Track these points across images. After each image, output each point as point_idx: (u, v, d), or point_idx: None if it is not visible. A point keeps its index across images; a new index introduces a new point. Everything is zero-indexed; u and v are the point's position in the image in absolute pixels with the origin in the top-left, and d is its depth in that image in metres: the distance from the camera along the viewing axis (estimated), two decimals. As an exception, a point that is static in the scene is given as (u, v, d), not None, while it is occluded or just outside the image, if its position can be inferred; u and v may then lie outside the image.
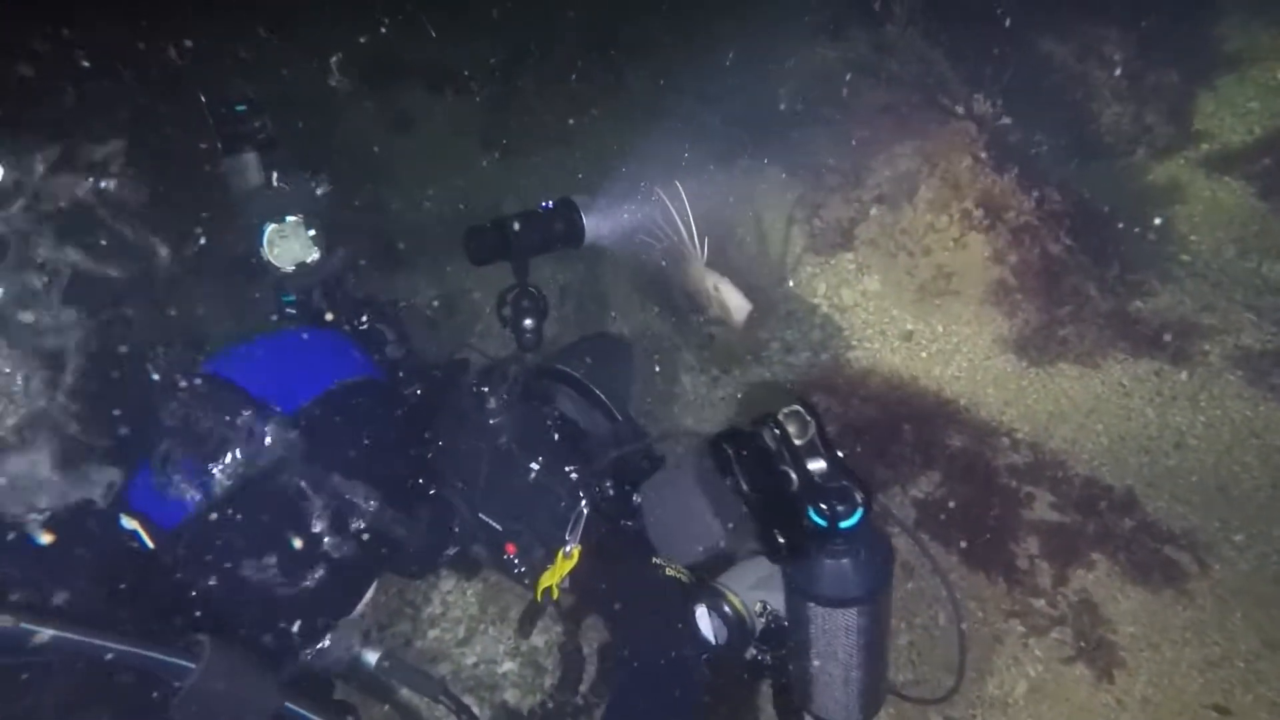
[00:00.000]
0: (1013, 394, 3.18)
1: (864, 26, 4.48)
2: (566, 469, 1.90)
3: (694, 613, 1.68)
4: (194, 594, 1.60)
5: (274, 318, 2.27)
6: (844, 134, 4.18)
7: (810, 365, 3.48)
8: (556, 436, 1.99)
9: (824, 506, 1.23)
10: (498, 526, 1.95)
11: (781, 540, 1.27)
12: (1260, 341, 3.35)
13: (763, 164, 4.52)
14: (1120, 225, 3.88)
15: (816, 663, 1.37)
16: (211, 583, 1.61)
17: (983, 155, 3.43)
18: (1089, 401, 3.13)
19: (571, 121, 4.97)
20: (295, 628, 1.76)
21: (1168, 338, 3.27)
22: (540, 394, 2.07)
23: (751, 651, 1.68)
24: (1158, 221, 3.98)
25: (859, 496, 1.24)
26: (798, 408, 1.31)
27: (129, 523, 1.60)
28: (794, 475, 1.28)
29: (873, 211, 3.85)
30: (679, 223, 3.09)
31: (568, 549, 1.82)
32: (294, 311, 2.27)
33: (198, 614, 1.58)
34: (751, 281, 3.82)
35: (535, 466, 1.91)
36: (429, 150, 4.87)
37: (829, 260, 3.86)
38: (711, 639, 1.66)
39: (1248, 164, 4.34)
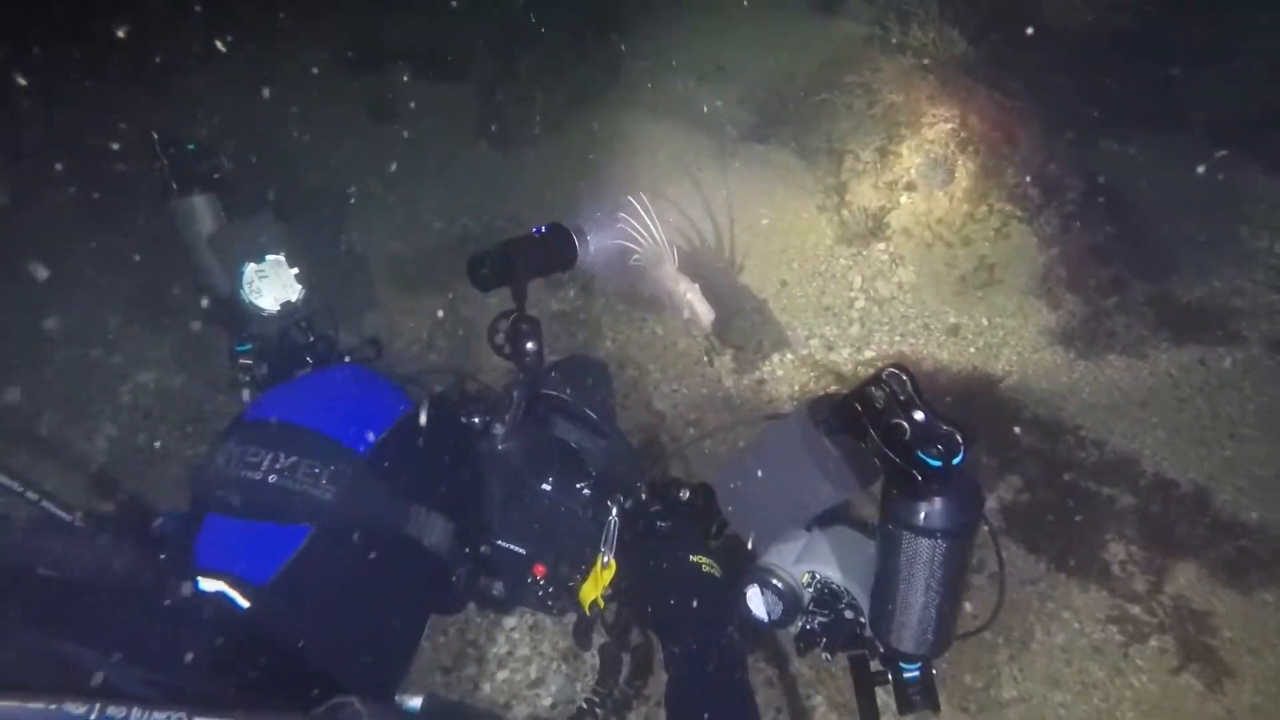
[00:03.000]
0: (1066, 388, 3.14)
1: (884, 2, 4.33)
2: (578, 485, 1.89)
3: (745, 595, 1.74)
4: (298, 648, 1.43)
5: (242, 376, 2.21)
6: (865, 112, 4.06)
7: (854, 363, 3.38)
8: (560, 456, 1.98)
9: (939, 448, 1.36)
10: (521, 550, 1.89)
11: (920, 477, 1.38)
12: (1290, 324, 3.40)
13: (774, 148, 4.37)
14: (1141, 206, 3.88)
15: (903, 593, 1.49)
16: (316, 632, 1.46)
17: (1027, 139, 3.35)
18: (1141, 393, 3.12)
19: (568, 107, 4.71)
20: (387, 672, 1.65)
21: (1207, 323, 3.29)
22: (536, 418, 2.04)
23: (800, 621, 1.76)
24: (1175, 202, 4.00)
25: (960, 437, 1.38)
26: (894, 369, 1.44)
27: (211, 584, 1.44)
28: (906, 425, 1.39)
29: (904, 199, 3.75)
30: (652, 229, 3.21)
31: (606, 559, 1.81)
32: (249, 362, 2.22)
33: (306, 671, 1.43)
34: (775, 274, 3.72)
35: (548, 487, 1.89)
36: (419, 142, 4.55)
37: (861, 251, 3.75)
38: (765, 617, 1.74)
39: (1249, 141, 4.40)
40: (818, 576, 1.72)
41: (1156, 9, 4.50)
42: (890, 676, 1.62)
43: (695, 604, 1.78)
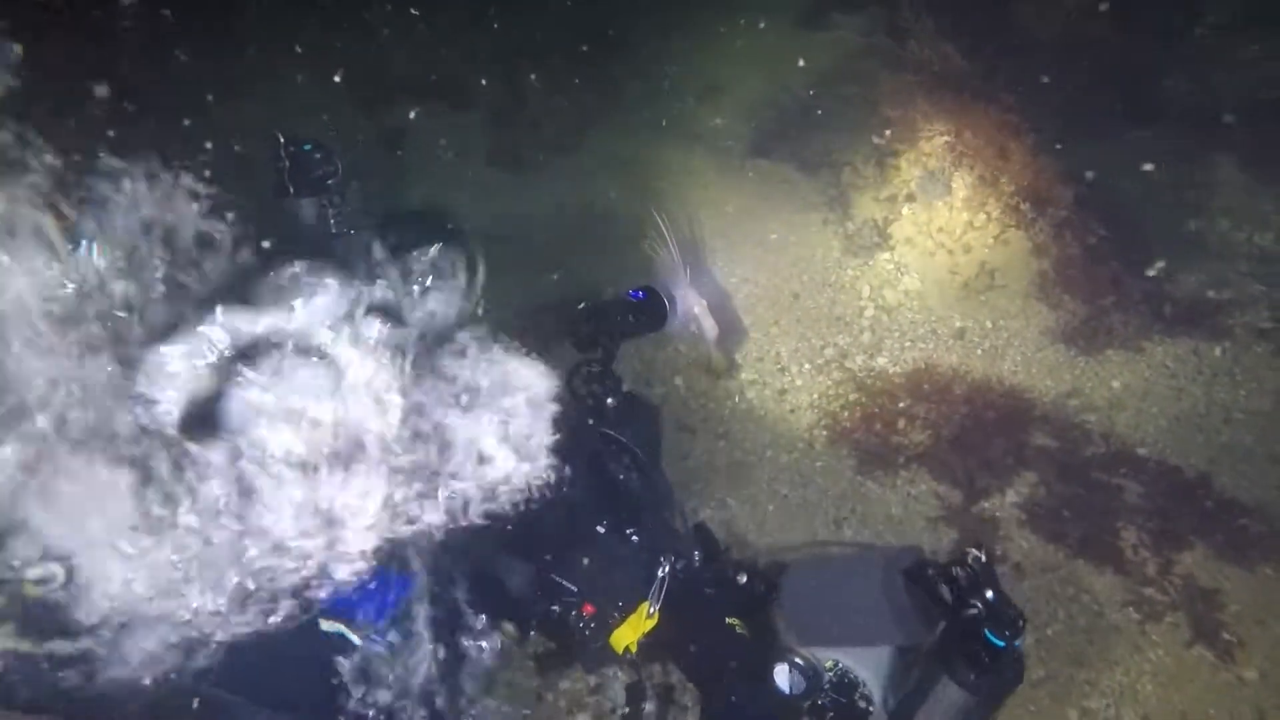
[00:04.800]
0: (1069, 385, 3.34)
1: (875, 12, 4.51)
2: (628, 531, 2.01)
3: (774, 669, 1.89)
4: (407, 680, 1.65)
5: None
6: (864, 127, 4.25)
7: (868, 370, 3.57)
8: (613, 499, 2.10)
9: (1007, 632, 1.56)
10: (573, 588, 2.01)
11: (986, 658, 1.58)
12: (1274, 312, 3.62)
13: (776, 163, 4.55)
14: (1129, 206, 4.09)
15: None
16: (422, 666, 1.66)
17: (1019, 150, 3.55)
18: (1140, 386, 3.33)
19: (575, 131, 4.87)
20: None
21: (1198, 316, 3.50)
22: (593, 457, 2.17)
23: (819, 700, 1.90)
24: (1156, 198, 4.21)
25: (1022, 622, 1.56)
26: (975, 550, 1.65)
27: (330, 625, 1.63)
28: (981, 607, 1.60)
29: (905, 210, 3.94)
30: (670, 244, 3.37)
31: (651, 610, 1.93)
32: None
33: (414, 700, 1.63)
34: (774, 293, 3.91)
35: (601, 530, 2.01)
36: (432, 171, 4.69)
37: (867, 262, 3.94)
38: (787, 690, 1.88)
39: (1224, 136, 4.62)
40: (840, 664, 1.87)
41: (1128, 13, 4.72)
42: None
43: (734, 662, 1.93)
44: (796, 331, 3.77)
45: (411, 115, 4.68)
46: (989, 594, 1.58)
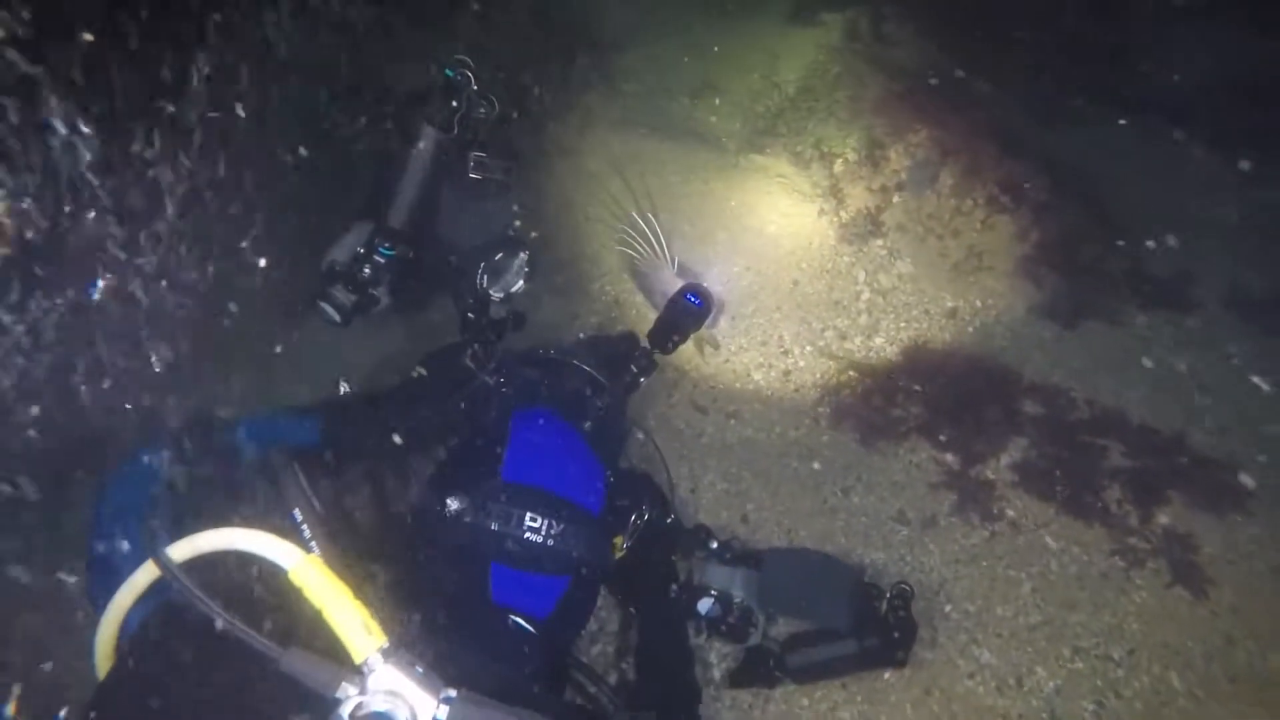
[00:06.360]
0: (1056, 356, 3.59)
1: (859, 10, 4.74)
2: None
3: (699, 599, 2.54)
4: (563, 656, 2.09)
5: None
6: (853, 122, 4.48)
7: (867, 350, 3.80)
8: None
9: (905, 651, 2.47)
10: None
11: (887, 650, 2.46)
12: (1240, 280, 3.89)
13: (771, 158, 4.77)
14: (1104, 187, 4.35)
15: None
16: (570, 645, 2.15)
17: (999, 143, 3.79)
18: (1120, 355, 3.58)
19: (578, 132, 5.06)
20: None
21: (1172, 289, 3.76)
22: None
23: (722, 623, 2.55)
24: (1133, 179, 4.47)
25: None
26: (904, 586, 2.49)
27: (512, 616, 2.04)
28: (910, 628, 2.46)
29: (895, 199, 4.18)
30: (650, 238, 3.77)
31: (625, 544, 2.34)
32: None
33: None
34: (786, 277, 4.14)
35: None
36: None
37: (862, 248, 4.17)
38: (704, 613, 2.54)
39: (1190, 119, 4.88)
40: (745, 602, 2.54)
41: (1093, 7, 4.99)
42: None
43: (673, 589, 2.50)
44: (798, 316, 4.00)
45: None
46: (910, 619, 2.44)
